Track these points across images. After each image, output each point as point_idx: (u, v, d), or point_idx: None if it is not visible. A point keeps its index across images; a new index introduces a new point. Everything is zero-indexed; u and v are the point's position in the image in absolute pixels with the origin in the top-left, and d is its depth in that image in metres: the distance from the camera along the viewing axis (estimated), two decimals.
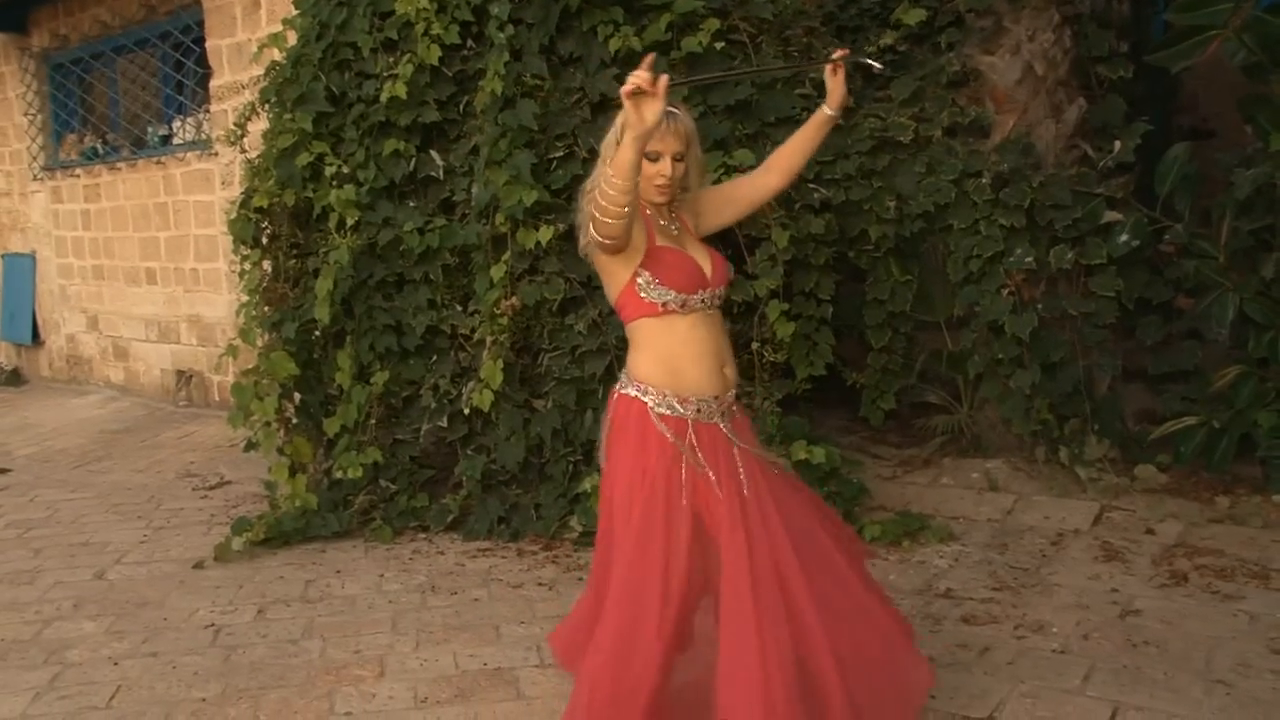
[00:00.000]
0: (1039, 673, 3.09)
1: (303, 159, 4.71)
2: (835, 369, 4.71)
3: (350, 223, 4.64)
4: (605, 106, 4.32)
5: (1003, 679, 3.06)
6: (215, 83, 7.41)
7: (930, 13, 4.80)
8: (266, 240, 4.94)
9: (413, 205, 4.70)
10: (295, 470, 4.86)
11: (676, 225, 2.58)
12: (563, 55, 4.49)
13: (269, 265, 4.94)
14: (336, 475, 4.79)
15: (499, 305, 4.39)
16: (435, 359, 4.75)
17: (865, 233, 4.61)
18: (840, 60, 2.65)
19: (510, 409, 4.49)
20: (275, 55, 4.99)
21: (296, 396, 4.97)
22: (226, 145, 5.24)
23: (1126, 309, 4.57)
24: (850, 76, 2.75)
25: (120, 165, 8.60)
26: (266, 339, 4.84)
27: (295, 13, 4.94)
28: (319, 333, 4.86)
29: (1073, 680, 3.03)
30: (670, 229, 2.55)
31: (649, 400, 2.46)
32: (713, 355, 2.53)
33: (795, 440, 4.25)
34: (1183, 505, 4.32)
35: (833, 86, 2.66)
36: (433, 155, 4.69)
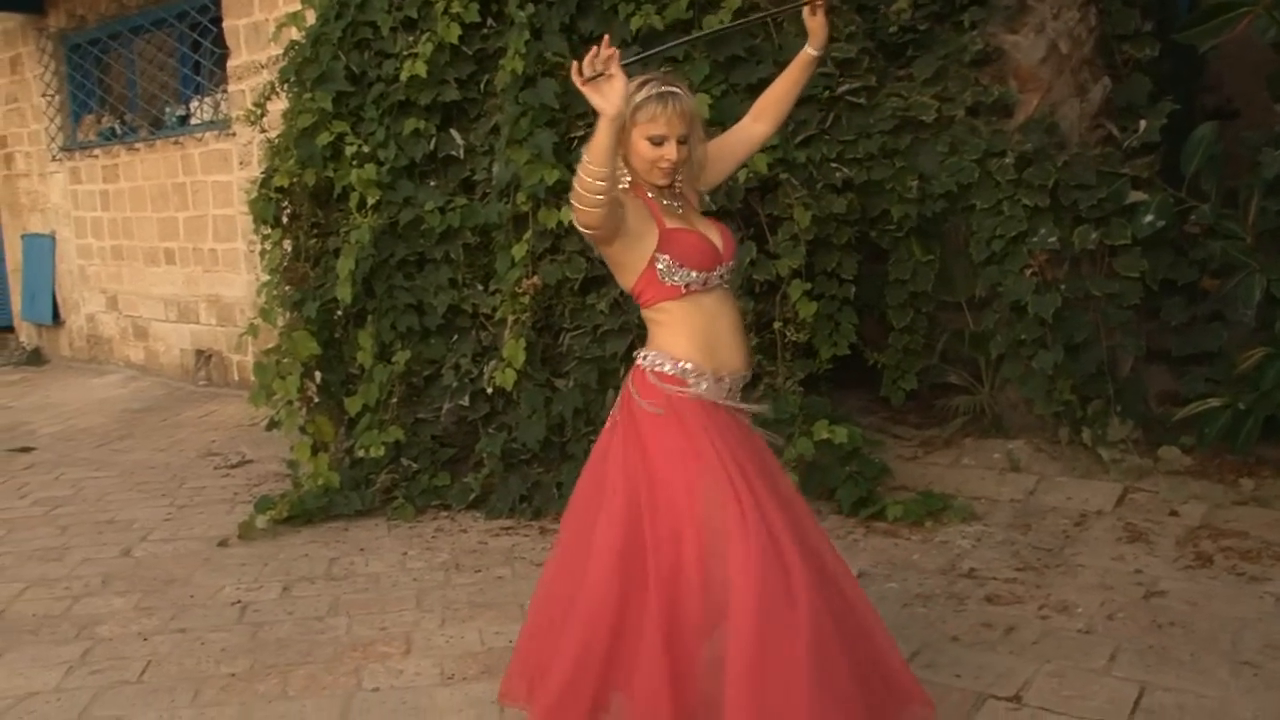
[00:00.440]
0: (1064, 652, 3.09)
1: (323, 138, 4.71)
2: (856, 349, 4.71)
3: (371, 202, 4.65)
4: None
5: (1028, 658, 3.06)
6: (233, 63, 7.41)
7: None
8: (287, 220, 4.96)
9: (433, 184, 4.71)
10: (317, 449, 4.88)
11: (680, 204, 2.55)
12: (583, 33, 4.47)
13: (289, 245, 4.96)
14: (358, 454, 4.81)
15: (520, 284, 4.40)
16: (456, 338, 4.76)
17: (887, 212, 4.60)
18: (819, 1, 2.63)
19: (532, 388, 4.50)
20: (294, 34, 4.98)
21: (318, 375, 4.98)
22: (246, 125, 5.25)
23: (1151, 290, 4.55)
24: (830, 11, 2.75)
25: (138, 146, 8.62)
26: (288, 318, 4.86)
27: None
28: (340, 312, 4.87)
29: (1098, 660, 3.03)
30: (675, 208, 2.52)
31: (690, 377, 2.46)
32: (738, 330, 2.57)
33: (817, 420, 4.25)
34: (1206, 487, 4.30)
35: (814, 27, 2.65)
36: (453, 134, 4.70)
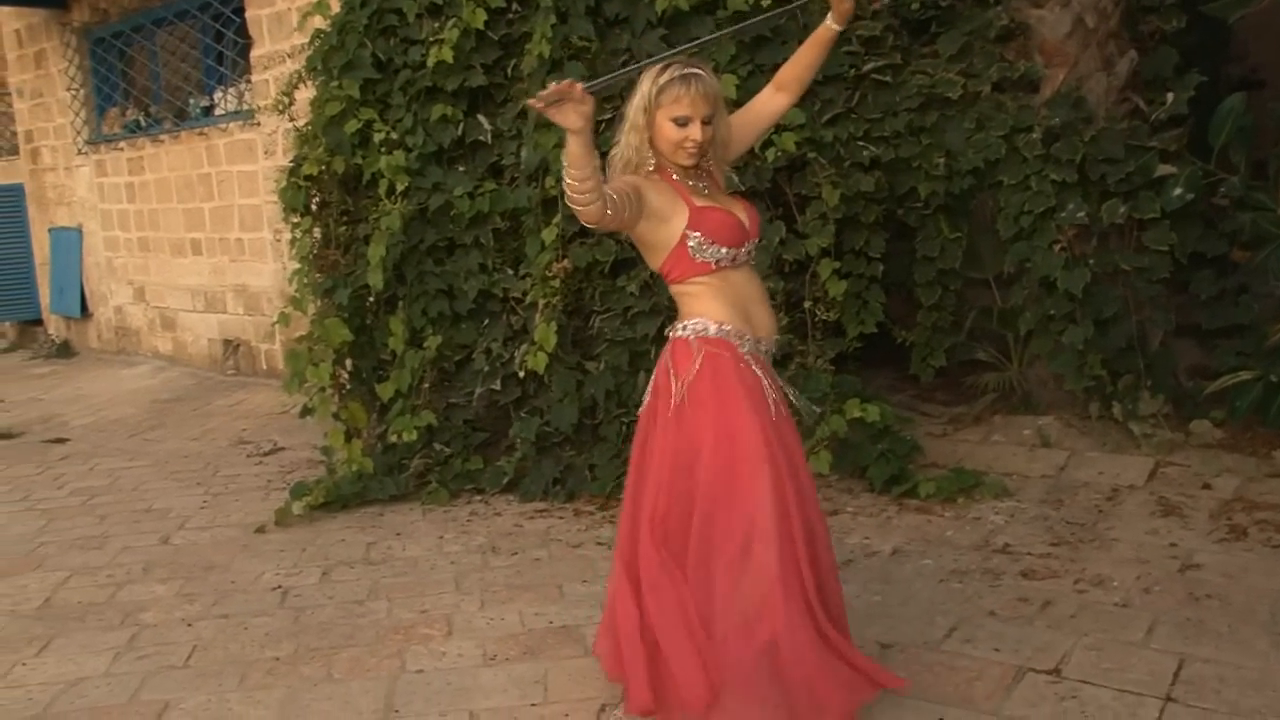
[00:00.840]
0: (1102, 626, 3.10)
1: (351, 126, 4.73)
2: (884, 327, 4.72)
3: (400, 188, 4.68)
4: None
5: (1066, 632, 3.08)
6: (256, 52, 7.45)
7: None
8: (316, 207, 4.99)
9: (462, 170, 4.73)
10: (350, 435, 4.93)
11: (706, 184, 2.61)
12: (609, 17, 4.48)
13: (319, 232, 4.99)
14: (391, 439, 4.85)
15: (551, 268, 4.42)
16: (487, 323, 4.79)
17: (915, 190, 4.60)
18: None
19: (563, 371, 4.53)
20: (319, 23, 5.01)
21: (349, 362, 5.02)
22: (274, 114, 5.28)
23: (1180, 263, 4.54)
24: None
25: (163, 137, 8.68)
26: (319, 306, 4.90)
27: None
28: (371, 298, 4.91)
29: (1136, 633, 3.05)
30: (701, 188, 2.58)
31: (732, 338, 2.54)
32: (766, 300, 2.69)
33: (849, 399, 4.26)
34: (1239, 460, 4.30)
35: (835, 1, 2.71)
36: (480, 120, 4.71)
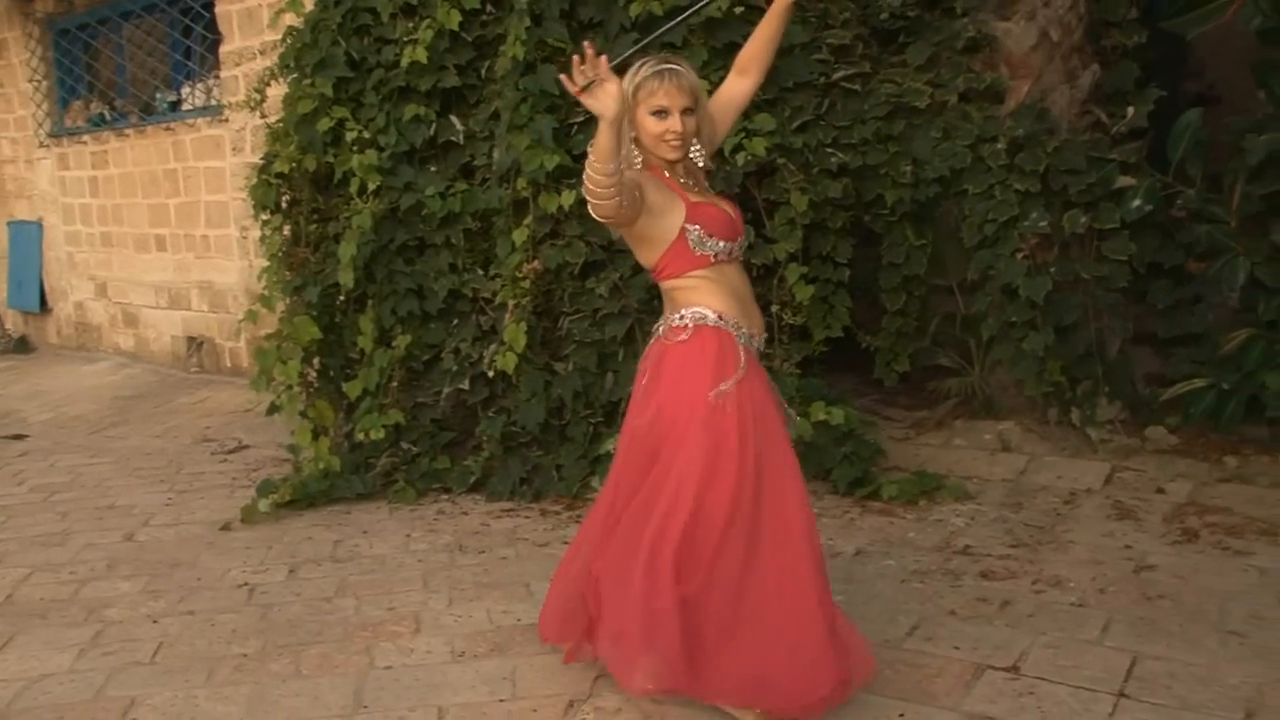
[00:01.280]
0: (1059, 624, 3.18)
1: (323, 124, 4.74)
2: (850, 331, 4.79)
3: (372, 187, 4.68)
4: (625, 72, 4.35)
5: (1024, 631, 3.15)
6: (226, 48, 7.40)
7: None
8: (287, 205, 4.98)
9: (434, 170, 4.75)
10: (318, 433, 4.93)
11: (694, 180, 2.66)
12: (583, 20, 4.52)
13: (290, 230, 4.99)
14: (358, 438, 4.85)
15: (521, 269, 4.45)
16: (456, 322, 4.80)
17: (881, 197, 4.67)
18: None
19: (532, 371, 4.55)
20: (292, 20, 5.00)
21: (317, 360, 5.02)
22: (243, 110, 5.27)
23: (1138, 273, 4.65)
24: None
25: (128, 131, 8.59)
26: (288, 303, 4.89)
27: None
28: (341, 297, 4.91)
29: (1092, 631, 3.12)
30: (691, 185, 2.64)
31: (730, 327, 2.59)
32: (753, 298, 2.75)
33: (814, 401, 4.32)
34: (1192, 465, 4.41)
35: None
36: (453, 120, 4.74)
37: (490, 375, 4.63)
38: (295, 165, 4.79)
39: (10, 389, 8.42)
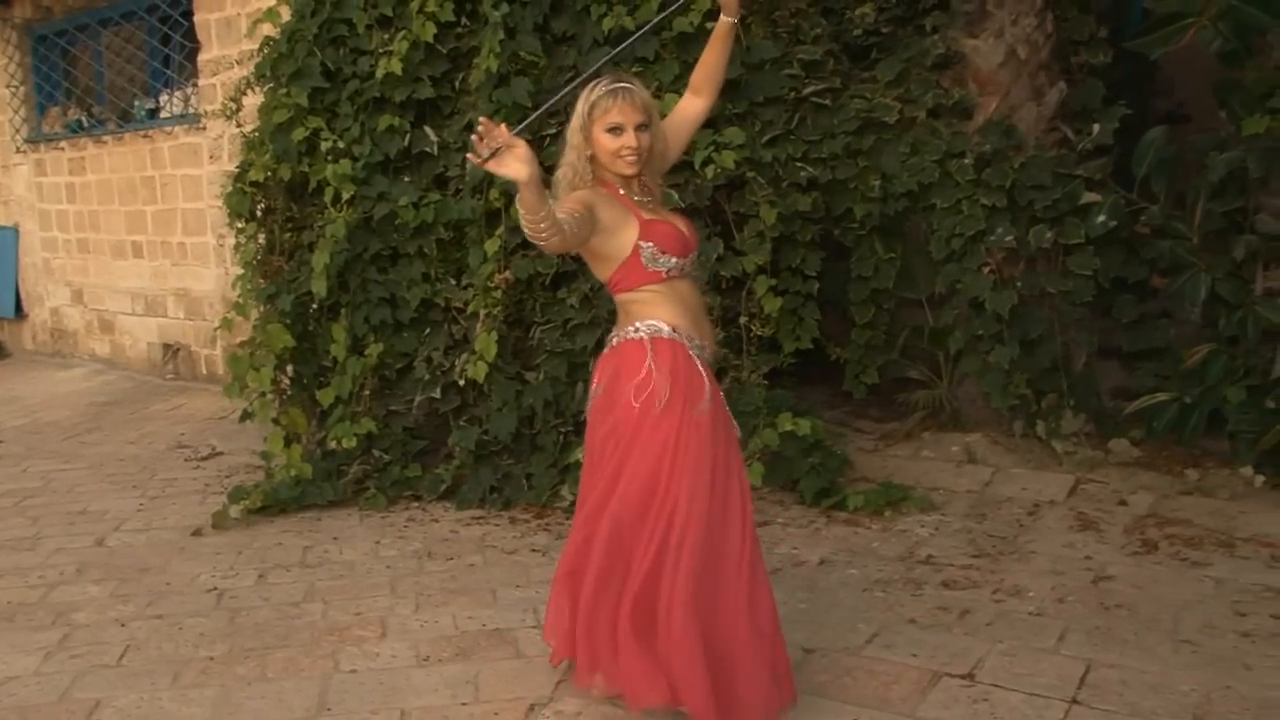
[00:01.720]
0: (1016, 633, 3.23)
1: (298, 134, 4.76)
2: (819, 344, 4.84)
3: (346, 197, 4.71)
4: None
5: (982, 639, 3.20)
6: (204, 57, 7.42)
7: None
8: (262, 213, 5.00)
9: (407, 180, 4.78)
10: (290, 440, 4.94)
11: (649, 198, 2.71)
12: (556, 33, 4.58)
13: (264, 239, 5.01)
14: (330, 445, 4.87)
15: (493, 279, 4.49)
16: (429, 331, 4.83)
17: (851, 211, 4.74)
18: None
19: (503, 380, 4.59)
20: (269, 30, 5.03)
21: (290, 368, 5.04)
22: (222, 119, 5.29)
23: (1103, 288, 4.71)
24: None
25: (106, 138, 8.59)
26: (262, 311, 4.91)
27: None
28: (314, 305, 4.93)
29: (1048, 640, 3.18)
30: (645, 202, 2.69)
31: (685, 342, 2.65)
32: (706, 312, 2.82)
33: (781, 412, 4.37)
34: (1154, 478, 4.48)
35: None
36: (427, 131, 4.77)
37: (462, 384, 4.66)
38: (270, 174, 4.82)
39: None
